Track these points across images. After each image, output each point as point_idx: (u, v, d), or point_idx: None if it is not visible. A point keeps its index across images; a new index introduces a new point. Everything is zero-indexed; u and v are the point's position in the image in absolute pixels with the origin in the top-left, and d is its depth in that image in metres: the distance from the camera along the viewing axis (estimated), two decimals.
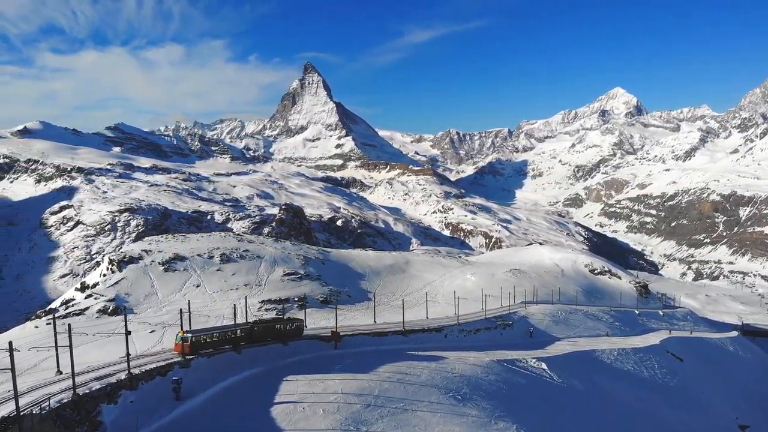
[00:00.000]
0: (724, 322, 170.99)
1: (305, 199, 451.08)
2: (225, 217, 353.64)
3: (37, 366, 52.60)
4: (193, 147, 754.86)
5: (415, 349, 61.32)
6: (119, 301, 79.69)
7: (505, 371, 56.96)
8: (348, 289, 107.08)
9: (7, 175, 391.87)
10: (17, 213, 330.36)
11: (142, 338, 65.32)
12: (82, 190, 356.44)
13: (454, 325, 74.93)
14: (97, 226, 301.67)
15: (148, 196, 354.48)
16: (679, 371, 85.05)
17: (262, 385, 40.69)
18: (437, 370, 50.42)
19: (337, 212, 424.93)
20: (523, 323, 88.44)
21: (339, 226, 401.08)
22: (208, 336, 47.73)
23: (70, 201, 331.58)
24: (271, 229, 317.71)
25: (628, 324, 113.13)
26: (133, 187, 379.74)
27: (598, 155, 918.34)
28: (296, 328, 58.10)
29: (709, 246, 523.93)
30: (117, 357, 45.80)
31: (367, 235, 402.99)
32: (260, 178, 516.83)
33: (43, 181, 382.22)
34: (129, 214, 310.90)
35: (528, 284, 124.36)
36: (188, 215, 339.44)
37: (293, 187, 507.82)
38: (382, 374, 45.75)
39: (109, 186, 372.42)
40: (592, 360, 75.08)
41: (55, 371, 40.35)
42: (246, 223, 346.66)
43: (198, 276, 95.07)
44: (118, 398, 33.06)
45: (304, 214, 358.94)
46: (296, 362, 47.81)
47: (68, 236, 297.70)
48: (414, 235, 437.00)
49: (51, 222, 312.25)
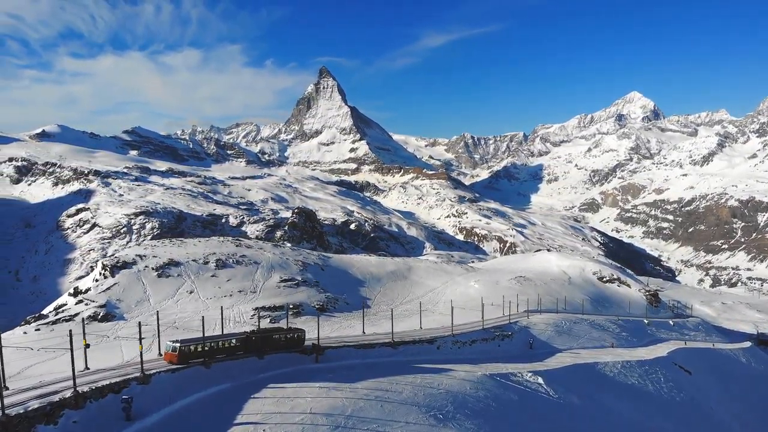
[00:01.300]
0: (739, 331, 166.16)
1: (319, 203, 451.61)
2: (239, 220, 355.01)
3: (21, 374, 51.71)
4: (209, 151, 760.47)
5: (403, 362, 58.87)
6: (110, 307, 78.80)
7: (496, 386, 54.28)
8: (346, 296, 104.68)
9: (26, 178, 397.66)
10: (35, 215, 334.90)
11: (133, 346, 63.32)
12: (98, 192, 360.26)
13: (448, 336, 71.86)
14: (113, 228, 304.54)
15: (163, 200, 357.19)
16: (687, 385, 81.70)
17: (225, 403, 38.56)
18: (422, 386, 48.13)
19: (350, 216, 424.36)
20: (523, 334, 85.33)
21: (352, 230, 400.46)
22: (199, 345, 46.21)
23: (86, 204, 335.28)
24: (284, 233, 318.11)
25: (636, 334, 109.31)
26: (149, 190, 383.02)
27: (614, 160, 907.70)
28: (297, 338, 55.93)
29: (726, 252, 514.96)
30: (96, 366, 44.59)
31: (380, 239, 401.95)
32: (275, 182, 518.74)
33: (60, 183, 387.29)
34: (144, 217, 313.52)
35: (533, 292, 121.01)
36: (203, 218, 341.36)
37: (307, 190, 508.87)
38: (359, 391, 43.48)
39: (125, 189, 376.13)
40: (593, 373, 72.02)
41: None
42: (260, 227, 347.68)
43: (192, 282, 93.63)
44: (59, 418, 31.01)
45: (316, 218, 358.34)
46: (270, 377, 45.51)
47: (84, 239, 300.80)
48: (427, 240, 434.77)
49: (67, 224, 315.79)
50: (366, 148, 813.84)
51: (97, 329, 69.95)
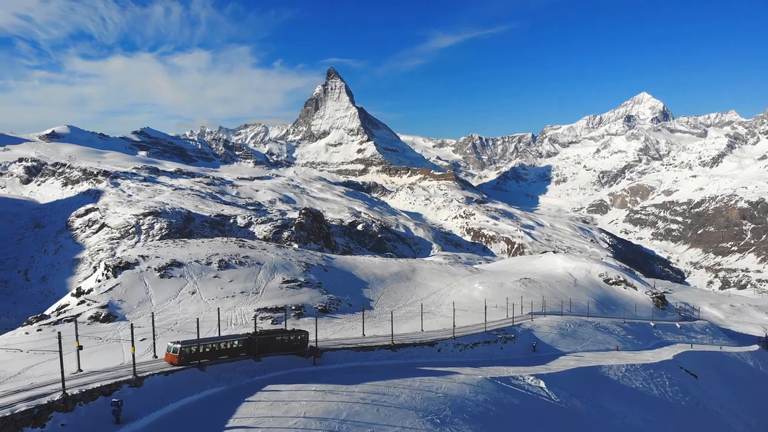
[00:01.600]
0: (747, 333, 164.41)
1: (326, 204, 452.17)
2: (247, 220, 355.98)
3: (21, 374, 51.75)
4: (218, 152, 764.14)
5: (402, 365, 58.00)
6: (112, 308, 78.58)
7: (497, 390, 53.25)
8: (349, 298, 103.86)
9: (35, 178, 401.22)
10: (44, 215, 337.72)
11: (136, 346, 64.37)
12: (107, 193, 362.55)
13: (450, 338, 70.74)
14: (122, 228, 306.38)
15: (172, 200, 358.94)
16: (692, 389, 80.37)
17: (218, 407, 38.35)
18: (420, 390, 47.15)
19: (357, 217, 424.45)
20: (526, 336, 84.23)
21: (359, 231, 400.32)
22: (201, 346, 46.08)
23: (95, 204, 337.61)
24: (291, 233, 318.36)
25: (642, 337, 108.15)
26: (158, 190, 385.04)
27: (623, 161, 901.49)
28: (300, 340, 55.40)
29: (736, 254, 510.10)
30: (96, 367, 44.45)
31: (388, 240, 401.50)
32: (282, 183, 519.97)
33: (69, 184, 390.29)
34: (153, 218, 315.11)
35: (538, 294, 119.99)
36: (211, 219, 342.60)
37: (315, 191, 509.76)
38: (356, 395, 42.56)
39: (134, 189, 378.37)
40: (597, 377, 70.94)
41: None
42: (268, 227, 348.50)
43: (194, 283, 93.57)
44: (47, 421, 30.69)
45: (323, 218, 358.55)
46: (266, 380, 45.17)
47: (93, 239, 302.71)
48: (435, 240, 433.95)
49: (76, 224, 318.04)
50: (373, 149, 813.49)
51: (100, 330, 69.86)
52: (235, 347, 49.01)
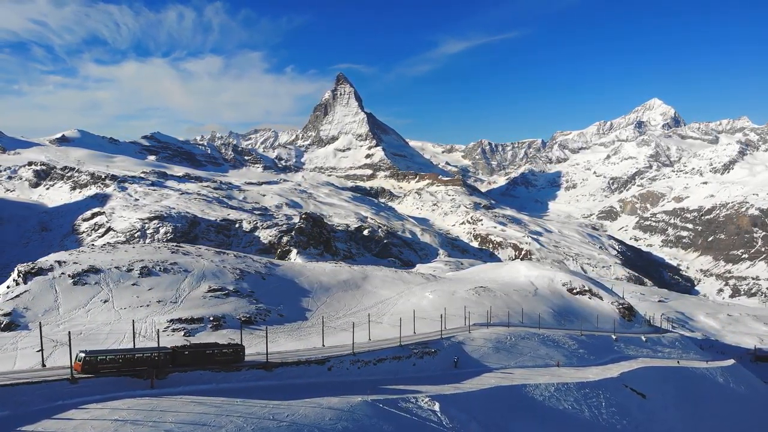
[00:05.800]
0: (737, 345, 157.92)
1: (333, 209, 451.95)
2: (253, 225, 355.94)
3: None
4: (227, 156, 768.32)
5: (272, 387, 51.10)
6: (15, 316, 76.06)
7: (372, 416, 45.95)
8: (282, 308, 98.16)
9: (44, 182, 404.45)
10: (52, 219, 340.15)
11: (27, 356, 62.51)
12: (114, 197, 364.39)
13: (347, 354, 63.59)
14: (127, 233, 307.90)
15: (178, 204, 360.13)
16: (635, 411, 72.01)
17: None
18: (258, 418, 39.52)
19: (363, 222, 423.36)
20: (452, 350, 77.54)
21: (365, 236, 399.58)
22: (109, 357, 45.17)
23: (102, 208, 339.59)
24: (291, 238, 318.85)
25: (597, 351, 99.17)
26: (165, 195, 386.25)
27: (633, 167, 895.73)
28: (233, 353, 53.42)
29: (747, 262, 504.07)
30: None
31: (393, 246, 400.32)
32: (290, 188, 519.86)
33: (77, 188, 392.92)
34: (158, 222, 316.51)
35: (490, 304, 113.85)
36: (217, 223, 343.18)
37: (322, 196, 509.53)
38: (162, 426, 35.74)
39: (141, 194, 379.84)
40: (517, 397, 63.76)
41: None
42: (273, 232, 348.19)
43: (109, 290, 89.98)
44: None
45: (324, 223, 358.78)
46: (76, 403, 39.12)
47: (99, 243, 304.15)
48: (441, 246, 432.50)
49: (83, 228, 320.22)
50: (382, 154, 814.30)
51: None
52: (154, 360, 47.18)
